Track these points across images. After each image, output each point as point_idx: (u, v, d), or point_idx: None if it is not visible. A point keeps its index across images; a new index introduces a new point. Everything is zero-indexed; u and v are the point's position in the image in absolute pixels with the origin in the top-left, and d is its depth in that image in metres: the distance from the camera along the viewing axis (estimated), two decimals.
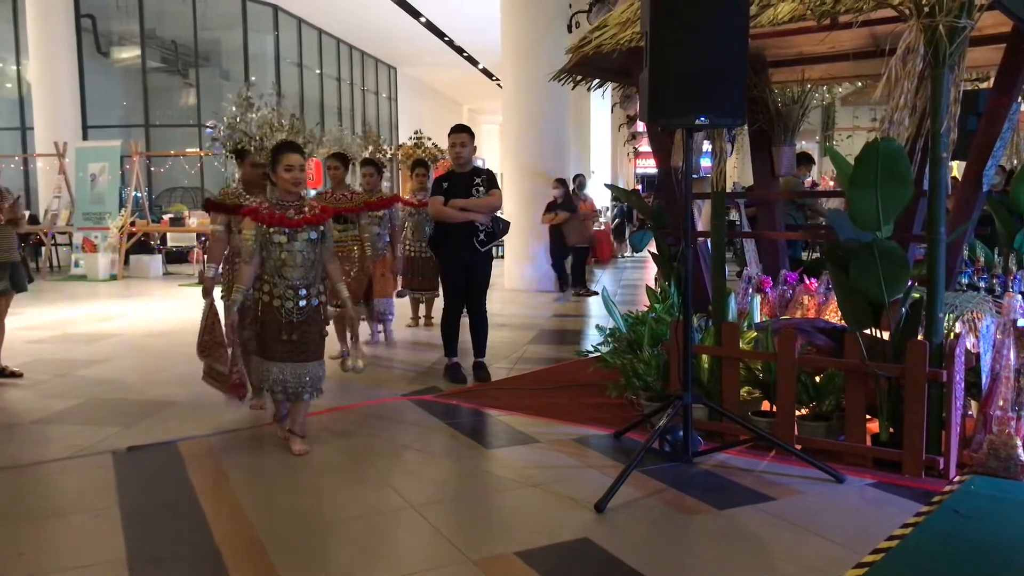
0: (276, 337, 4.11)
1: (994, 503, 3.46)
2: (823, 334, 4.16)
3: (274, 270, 4.10)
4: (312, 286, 4.18)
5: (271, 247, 4.08)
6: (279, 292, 4.10)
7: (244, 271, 4.13)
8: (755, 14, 4.17)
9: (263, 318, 4.14)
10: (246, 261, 4.12)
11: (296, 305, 4.12)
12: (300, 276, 4.12)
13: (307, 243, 4.12)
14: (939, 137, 3.68)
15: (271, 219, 4.07)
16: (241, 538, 3.22)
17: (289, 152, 4.11)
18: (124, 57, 18.53)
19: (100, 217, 14.12)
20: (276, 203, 4.14)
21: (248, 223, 4.10)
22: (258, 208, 4.11)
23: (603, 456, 4.18)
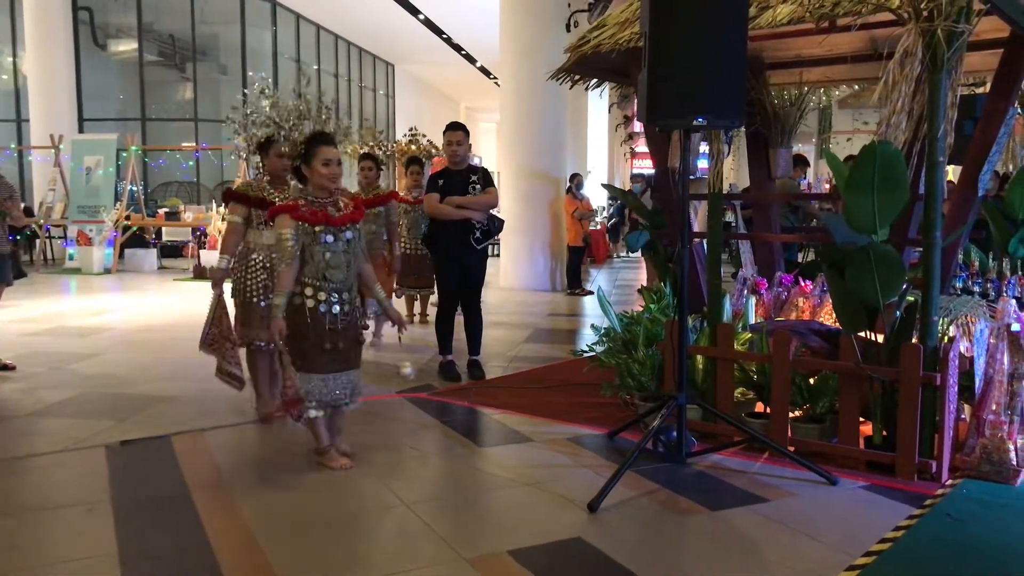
0: (320, 346, 3.76)
1: (986, 507, 3.47)
2: (818, 336, 4.17)
3: (317, 272, 3.75)
4: (352, 289, 3.90)
5: (315, 248, 3.73)
6: (324, 296, 3.76)
7: (284, 274, 3.75)
8: (754, 16, 4.18)
9: (303, 326, 3.76)
10: (286, 263, 3.74)
11: (341, 310, 3.81)
12: (342, 278, 3.82)
13: (347, 243, 3.82)
14: (936, 141, 3.69)
15: (315, 217, 3.73)
16: (234, 533, 3.22)
17: (326, 145, 3.82)
18: (121, 50, 18.47)
19: (95, 210, 14.07)
20: (313, 200, 3.80)
21: (286, 221, 3.72)
22: (297, 205, 3.76)
23: (597, 456, 4.19)
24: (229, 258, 4.66)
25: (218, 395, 4.93)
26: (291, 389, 3.84)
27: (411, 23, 20.09)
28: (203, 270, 12.69)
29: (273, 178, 4.73)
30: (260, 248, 4.62)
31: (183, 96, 18.85)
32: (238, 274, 4.65)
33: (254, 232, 4.64)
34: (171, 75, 18.87)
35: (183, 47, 18.55)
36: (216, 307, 4.70)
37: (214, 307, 4.71)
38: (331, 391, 3.82)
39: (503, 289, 11.57)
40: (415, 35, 21.38)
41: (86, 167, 14.34)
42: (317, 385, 3.78)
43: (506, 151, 12.00)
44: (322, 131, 4.06)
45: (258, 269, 4.61)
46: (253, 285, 4.60)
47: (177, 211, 15.32)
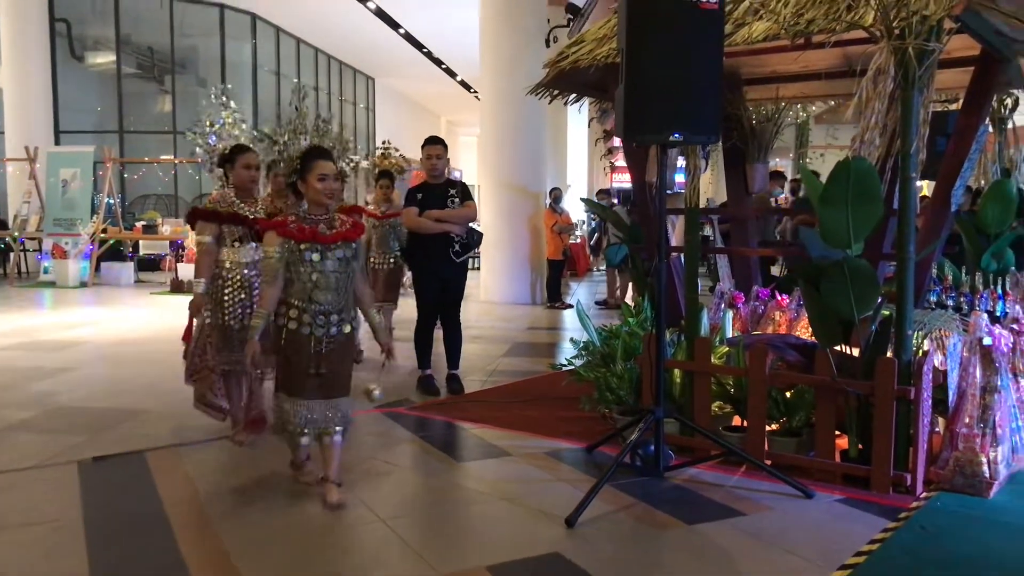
0: (304, 370, 3.56)
1: (959, 520, 3.50)
2: (794, 350, 4.19)
3: (303, 293, 3.56)
4: (344, 311, 3.66)
5: (300, 267, 3.54)
6: (308, 319, 3.56)
7: (265, 293, 3.58)
8: (730, 32, 4.22)
9: (288, 348, 3.58)
10: (267, 282, 3.58)
11: (327, 333, 3.59)
12: (332, 300, 3.59)
13: (340, 262, 3.61)
14: (909, 157, 3.74)
15: (302, 234, 3.54)
16: (209, 551, 3.18)
17: (322, 159, 3.65)
18: (99, 62, 18.36)
19: (71, 223, 13.94)
20: (304, 216, 3.62)
21: (272, 238, 3.54)
22: (285, 221, 3.57)
23: (575, 470, 4.18)
24: (206, 281, 4.44)
25: (194, 410, 4.87)
26: (255, 410, 3.72)
27: (392, 37, 20.13)
28: (181, 284, 12.60)
29: (239, 190, 4.54)
30: (236, 267, 4.48)
31: (161, 109, 18.74)
32: (213, 296, 4.47)
33: (229, 250, 4.49)
34: (149, 87, 18.77)
35: (162, 59, 18.46)
36: (200, 336, 4.53)
37: (197, 336, 4.54)
38: (316, 417, 3.61)
39: (483, 302, 11.57)
40: (396, 49, 21.42)
41: (62, 179, 14.22)
42: (301, 411, 3.59)
43: (486, 165, 12.03)
44: (318, 145, 3.90)
45: (235, 289, 4.47)
46: (230, 307, 4.46)
47: (155, 224, 15.21)
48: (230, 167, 4.57)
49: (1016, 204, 5.52)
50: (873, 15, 3.77)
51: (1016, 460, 4.06)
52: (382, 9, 18.02)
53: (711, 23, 3.69)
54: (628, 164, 5.73)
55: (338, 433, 3.67)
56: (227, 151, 4.70)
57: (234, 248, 4.49)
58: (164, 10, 17.80)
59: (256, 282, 4.50)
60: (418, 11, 17.96)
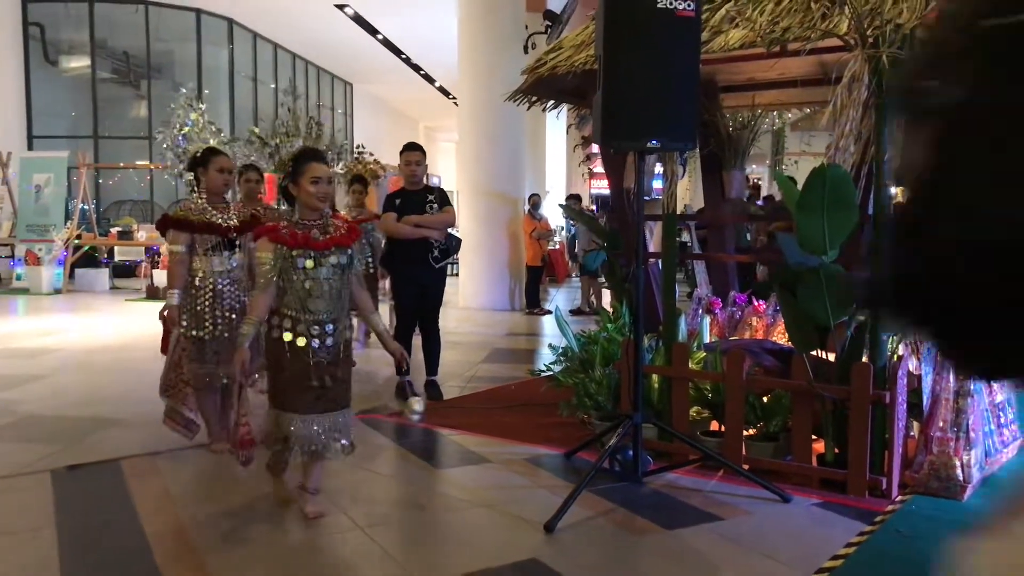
0: (300, 383, 3.38)
1: (934, 523, 3.53)
2: (771, 355, 4.23)
3: (297, 302, 3.39)
4: (340, 320, 3.50)
5: (293, 274, 3.38)
6: (303, 328, 3.39)
7: (258, 301, 3.41)
8: (707, 40, 4.25)
9: (282, 361, 3.40)
10: (260, 289, 3.42)
11: (323, 344, 3.42)
12: (327, 308, 3.43)
13: (334, 269, 3.46)
14: (883, 164, 3.78)
15: (295, 240, 3.39)
16: (185, 560, 3.15)
17: (315, 161, 3.52)
18: (73, 67, 18.19)
19: (44, 229, 13.79)
20: (297, 221, 3.47)
21: (265, 245, 3.40)
22: (277, 227, 3.44)
23: (554, 476, 4.18)
24: (179, 292, 4.35)
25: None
26: (245, 427, 3.46)
27: (369, 43, 20.12)
28: (156, 290, 12.49)
29: (211, 195, 4.45)
30: (210, 276, 4.38)
31: (137, 114, 18.59)
32: (186, 306, 4.37)
33: (201, 259, 4.38)
34: (125, 92, 18.61)
35: (137, 64, 18.32)
36: (175, 349, 4.43)
37: (172, 349, 4.44)
38: (314, 434, 3.40)
39: (462, 308, 11.56)
40: (374, 55, 21.40)
41: (35, 185, 14.05)
42: (298, 427, 3.38)
43: (465, 171, 12.03)
44: (311, 147, 3.71)
45: (208, 299, 4.38)
46: (205, 317, 4.37)
47: (130, 230, 15.07)
48: (202, 171, 4.47)
49: None
50: (847, 24, 3.82)
51: (989, 463, 4.10)
52: (359, 15, 18.01)
53: (688, 30, 3.71)
54: (606, 170, 5.75)
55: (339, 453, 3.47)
56: (199, 154, 4.62)
57: (207, 257, 4.39)
58: (139, 15, 17.67)
59: (229, 291, 4.45)
60: (396, 17, 17.96)
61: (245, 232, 4.52)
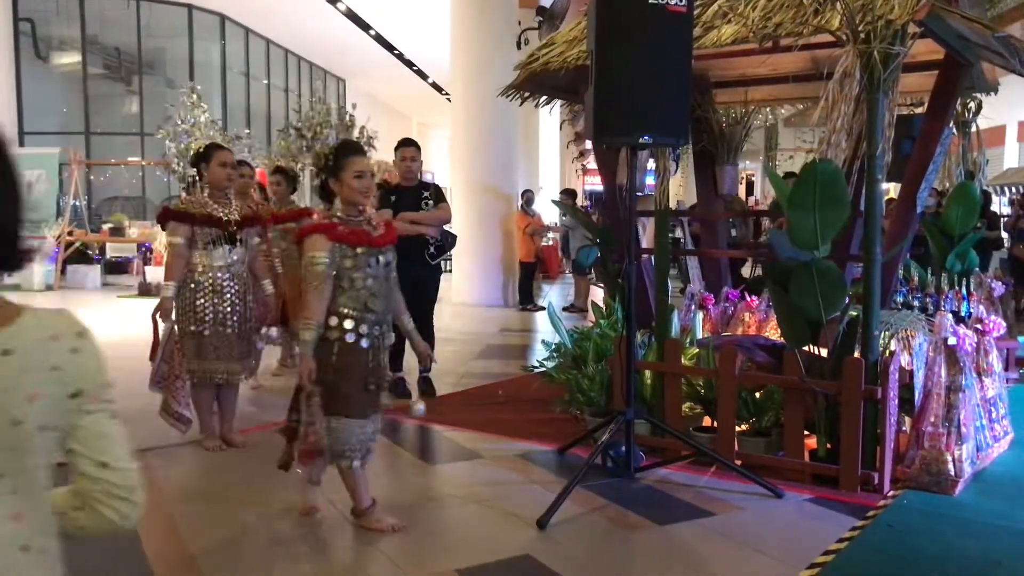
0: (361, 387, 3.24)
1: (926, 517, 3.54)
2: (763, 351, 4.23)
3: (357, 301, 3.24)
4: (389, 321, 3.41)
5: (355, 273, 3.22)
6: (365, 329, 3.24)
7: (315, 304, 3.18)
8: (699, 35, 4.24)
9: (341, 363, 3.22)
10: (315, 291, 3.18)
11: (382, 344, 3.33)
12: (383, 308, 3.32)
13: (385, 268, 3.34)
14: (874, 159, 3.78)
15: (356, 238, 3.23)
16: (175, 556, 3.15)
17: (357, 155, 3.34)
18: (64, 63, 18.08)
19: (36, 226, 13.68)
20: (346, 218, 3.29)
21: (320, 243, 3.19)
22: (334, 224, 3.25)
23: (547, 472, 4.18)
24: (176, 285, 4.32)
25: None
26: (312, 437, 3.25)
27: (362, 39, 20.04)
28: (149, 287, 12.44)
29: (214, 190, 4.43)
30: (210, 270, 4.36)
31: (129, 110, 18.50)
32: (185, 301, 4.33)
33: (201, 254, 4.35)
34: (116, 88, 18.52)
35: (129, 60, 18.23)
36: (168, 341, 4.38)
37: (165, 341, 4.39)
38: (369, 436, 3.33)
39: (456, 304, 11.54)
40: (366, 51, 21.32)
41: (26, 181, 13.96)
42: (356, 432, 3.25)
43: (458, 167, 12.01)
44: (350, 140, 3.57)
45: (207, 294, 4.35)
46: (203, 312, 4.34)
47: (122, 227, 15.01)
48: (205, 165, 4.43)
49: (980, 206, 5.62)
50: (839, 19, 3.81)
51: (980, 458, 4.12)
52: (352, 11, 17.95)
53: (680, 26, 3.71)
54: (599, 166, 5.75)
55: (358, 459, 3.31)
56: (201, 149, 4.58)
57: (206, 251, 4.37)
58: (131, 10, 17.56)
59: (229, 287, 4.42)
60: (389, 13, 17.91)
61: (246, 227, 4.51)
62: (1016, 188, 14.85)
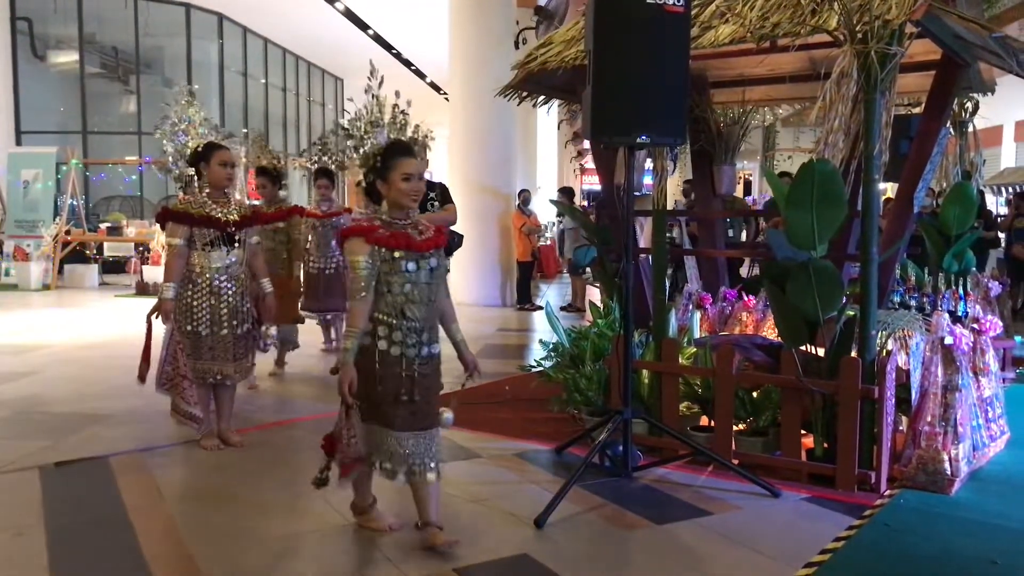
0: (396, 397, 3.11)
1: (922, 516, 3.55)
2: (760, 350, 4.23)
3: (394, 307, 3.11)
4: (434, 328, 3.26)
5: (392, 278, 3.09)
6: (400, 337, 3.11)
7: (357, 311, 3.07)
8: (697, 35, 4.25)
9: (375, 372, 3.11)
10: (358, 296, 3.08)
11: (419, 353, 3.17)
12: (424, 315, 3.17)
13: (431, 272, 3.20)
14: (871, 159, 3.79)
15: (396, 241, 3.10)
16: (174, 556, 3.14)
17: (406, 156, 3.21)
18: (62, 62, 18.06)
19: (33, 225, 13.72)
20: (390, 221, 3.16)
21: (359, 246, 3.08)
22: (374, 227, 3.12)
23: (544, 471, 4.19)
24: (175, 286, 4.31)
25: (159, 415, 4.82)
26: (353, 448, 3.15)
27: (360, 38, 20.03)
28: (146, 286, 12.44)
29: (214, 190, 4.42)
30: (207, 271, 4.35)
31: (126, 109, 18.48)
32: (183, 301, 4.34)
33: (199, 254, 4.35)
34: (114, 88, 18.51)
35: (126, 59, 18.22)
36: (169, 342, 4.36)
37: (167, 342, 4.37)
38: (411, 453, 3.11)
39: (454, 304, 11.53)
40: (364, 50, 21.27)
41: (24, 181, 13.98)
42: (391, 444, 3.10)
43: (456, 166, 12.01)
44: (400, 140, 3.46)
45: (205, 295, 4.34)
46: (200, 313, 4.34)
47: (119, 226, 15.00)
48: (204, 165, 4.41)
49: (976, 206, 5.63)
50: (837, 19, 3.82)
51: (977, 457, 4.13)
52: (351, 10, 17.94)
53: (677, 26, 3.72)
54: (596, 166, 5.76)
55: (432, 471, 3.14)
56: (200, 148, 4.54)
57: (205, 252, 4.36)
58: (128, 9, 17.54)
59: (227, 288, 4.41)
60: (387, 12, 17.90)
61: (244, 227, 4.50)
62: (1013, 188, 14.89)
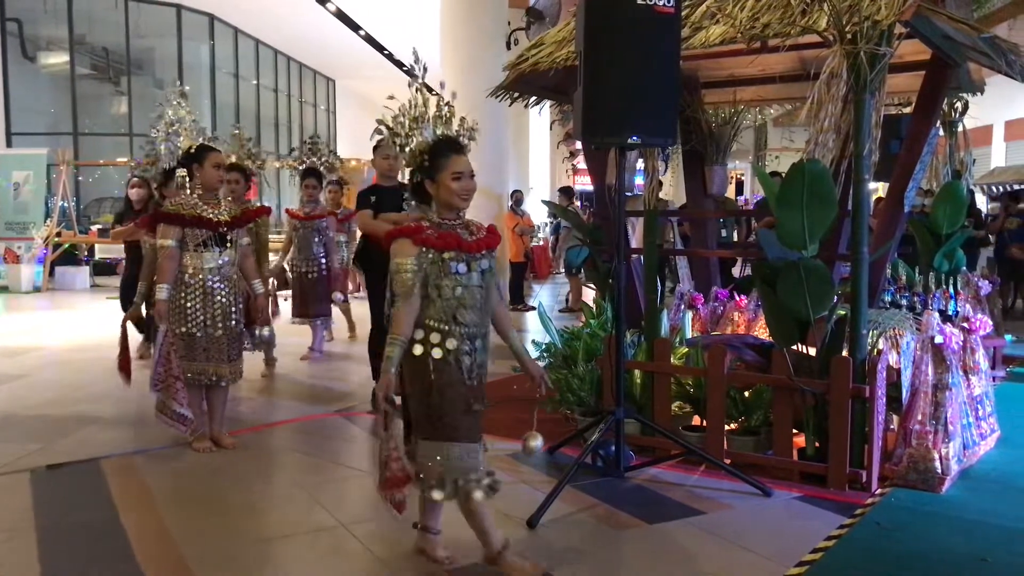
0: (459, 408, 2.89)
1: (913, 515, 3.56)
2: (752, 350, 4.24)
3: (446, 312, 2.90)
4: (487, 334, 3.06)
5: (444, 281, 2.90)
6: (454, 343, 2.91)
7: (401, 316, 2.87)
8: (687, 36, 4.26)
9: (434, 382, 2.88)
10: (403, 301, 2.88)
11: (475, 361, 2.97)
12: (477, 320, 2.97)
13: (483, 275, 3.01)
14: (861, 159, 3.80)
15: (446, 242, 2.93)
16: (166, 559, 3.14)
17: (456, 153, 3.09)
18: (52, 63, 17.99)
19: (24, 227, 13.66)
20: (439, 222, 3.01)
21: (407, 247, 2.90)
22: (422, 227, 2.95)
23: (537, 471, 4.19)
24: (169, 287, 4.32)
25: (150, 417, 4.79)
26: (397, 463, 2.91)
27: (352, 39, 20.00)
28: None
29: (206, 191, 4.41)
30: (199, 273, 4.35)
31: (117, 110, 18.42)
32: (176, 303, 4.34)
33: (191, 255, 4.35)
34: (105, 89, 18.44)
35: (117, 60, 18.15)
36: (163, 343, 4.36)
37: (160, 344, 4.38)
38: (474, 466, 2.91)
39: None
40: (356, 51, 21.29)
41: (14, 182, 13.93)
42: (467, 458, 2.89)
43: None
44: (450, 137, 3.29)
45: (197, 296, 4.35)
46: (194, 314, 4.34)
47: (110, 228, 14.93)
48: (197, 166, 4.41)
49: (966, 205, 5.66)
50: (826, 20, 3.83)
51: (967, 456, 4.15)
52: (342, 11, 17.91)
53: (668, 27, 3.72)
54: (588, 167, 5.76)
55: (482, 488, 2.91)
56: (193, 149, 4.53)
57: (197, 253, 4.36)
58: (119, 10, 17.49)
59: (219, 288, 4.41)
60: (378, 13, 17.88)
61: (236, 228, 4.49)
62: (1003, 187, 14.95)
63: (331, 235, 7.15)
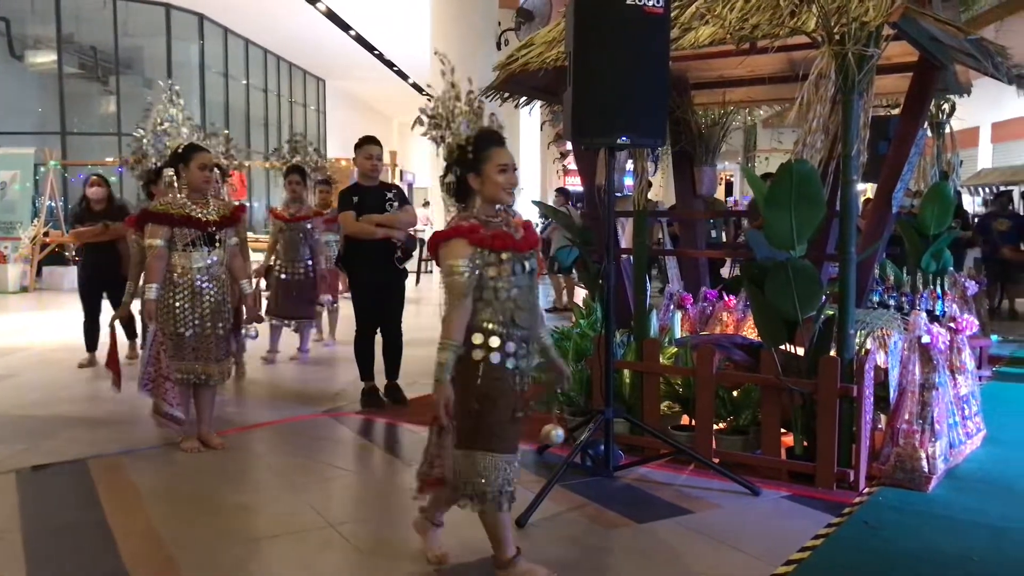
0: (508, 416, 2.80)
1: (900, 514, 3.58)
2: (741, 350, 4.26)
3: (503, 315, 2.79)
4: (536, 338, 2.96)
5: (499, 283, 2.78)
6: (513, 347, 2.80)
7: (454, 319, 2.76)
8: (677, 37, 4.27)
9: (487, 388, 2.78)
10: (456, 303, 2.78)
11: (528, 364, 2.89)
12: (531, 322, 2.87)
13: (529, 276, 2.90)
14: (850, 160, 3.82)
15: (502, 242, 2.79)
16: (153, 559, 3.13)
17: (499, 146, 2.94)
18: (39, 62, 17.87)
19: (11, 227, 13.58)
20: (486, 220, 2.86)
21: (461, 248, 2.76)
22: (476, 226, 2.80)
23: (526, 471, 4.16)
24: (158, 287, 4.30)
25: (138, 417, 4.79)
26: (439, 468, 2.89)
27: (342, 39, 19.96)
28: None
29: (193, 191, 4.40)
30: (188, 273, 4.34)
31: (106, 110, 18.32)
32: (165, 303, 4.33)
33: (180, 255, 4.34)
34: (93, 88, 18.32)
35: (105, 59, 18.04)
36: (153, 343, 4.37)
37: (150, 344, 4.38)
38: (510, 478, 2.81)
39: (437, 305, 11.50)
40: (346, 51, 21.24)
41: (1, 182, 13.84)
42: (503, 470, 2.78)
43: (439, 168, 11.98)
44: (491, 129, 3.14)
45: (185, 296, 4.34)
46: (183, 314, 4.33)
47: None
48: (183, 167, 4.39)
49: (954, 206, 5.69)
50: (815, 21, 3.85)
51: (953, 455, 4.17)
52: (332, 11, 17.87)
53: (657, 28, 3.73)
54: (578, 167, 5.76)
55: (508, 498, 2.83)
56: (180, 149, 4.51)
57: (185, 253, 4.35)
58: (107, 9, 17.39)
59: (208, 288, 4.39)
60: (368, 13, 17.85)
61: (224, 227, 4.47)
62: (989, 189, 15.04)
63: (317, 236, 7.10)
